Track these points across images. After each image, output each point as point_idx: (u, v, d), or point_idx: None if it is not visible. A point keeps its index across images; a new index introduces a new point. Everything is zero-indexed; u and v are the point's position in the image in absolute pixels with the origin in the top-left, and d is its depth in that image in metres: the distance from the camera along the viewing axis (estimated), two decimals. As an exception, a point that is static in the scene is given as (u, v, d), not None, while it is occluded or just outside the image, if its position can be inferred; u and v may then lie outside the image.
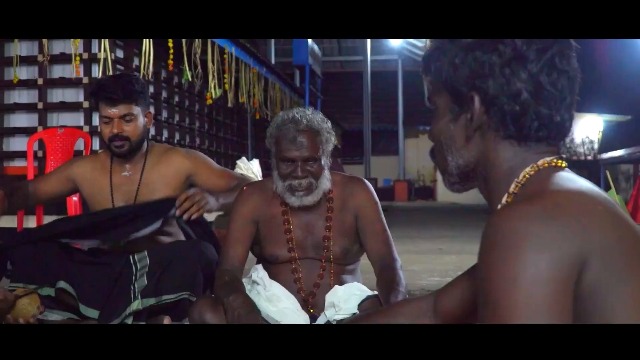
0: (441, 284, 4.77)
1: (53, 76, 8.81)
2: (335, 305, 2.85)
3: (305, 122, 2.96)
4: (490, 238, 1.23)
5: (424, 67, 1.54)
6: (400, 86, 29.02)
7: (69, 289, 3.37)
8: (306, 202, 2.97)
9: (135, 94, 3.56)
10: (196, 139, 12.15)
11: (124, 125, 3.54)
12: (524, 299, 1.17)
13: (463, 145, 1.46)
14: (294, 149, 2.94)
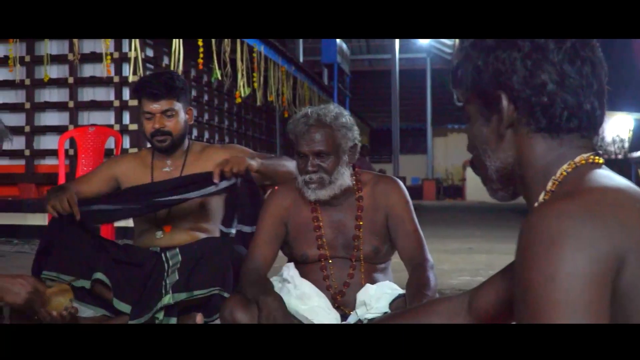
0: (472, 283, 4.77)
1: (84, 75, 8.88)
2: (366, 303, 2.84)
3: (315, 116, 2.97)
4: (528, 236, 1.23)
5: (452, 80, 1.54)
6: (428, 84, 28.92)
7: (105, 280, 3.39)
8: (320, 196, 2.97)
9: (177, 90, 3.61)
10: (225, 137, 12.19)
11: (165, 121, 3.58)
12: (561, 296, 1.16)
13: (497, 146, 1.45)
14: (304, 143, 2.96)
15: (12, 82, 8.97)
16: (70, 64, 8.82)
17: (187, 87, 3.73)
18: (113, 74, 8.64)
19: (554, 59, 1.37)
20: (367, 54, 30.82)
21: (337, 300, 2.97)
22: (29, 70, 8.96)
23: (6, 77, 9.05)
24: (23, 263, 6.14)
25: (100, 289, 3.43)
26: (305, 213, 3.06)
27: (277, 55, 12.77)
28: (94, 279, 3.39)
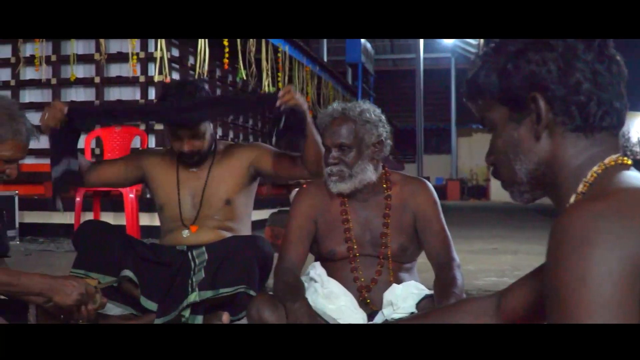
0: (498, 284, 4.76)
1: (110, 75, 8.92)
2: (393, 303, 2.84)
3: (340, 110, 3.03)
4: (559, 236, 1.23)
5: (468, 92, 1.55)
6: (453, 84, 28.85)
7: (134, 278, 3.41)
8: (341, 189, 3.00)
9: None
10: (249, 136, 12.22)
11: (194, 142, 3.53)
12: (592, 296, 1.16)
13: (531, 148, 1.45)
14: (328, 136, 3.02)
15: (39, 81, 9.03)
16: (97, 63, 8.87)
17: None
18: (139, 73, 8.69)
19: (585, 58, 1.39)
20: (391, 53, 30.77)
21: (363, 295, 2.97)
22: (55, 69, 9.02)
23: (33, 76, 9.11)
24: (49, 261, 6.19)
25: (128, 286, 3.45)
26: (334, 210, 3.08)
27: (302, 55, 12.78)
28: (122, 277, 3.41)
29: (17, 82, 9.13)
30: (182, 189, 3.66)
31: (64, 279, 2.88)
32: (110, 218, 7.64)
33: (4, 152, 2.92)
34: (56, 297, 2.83)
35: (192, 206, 3.65)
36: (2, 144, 2.92)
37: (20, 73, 9.12)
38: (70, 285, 2.85)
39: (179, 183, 3.68)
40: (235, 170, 3.64)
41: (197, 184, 3.65)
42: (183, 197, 3.64)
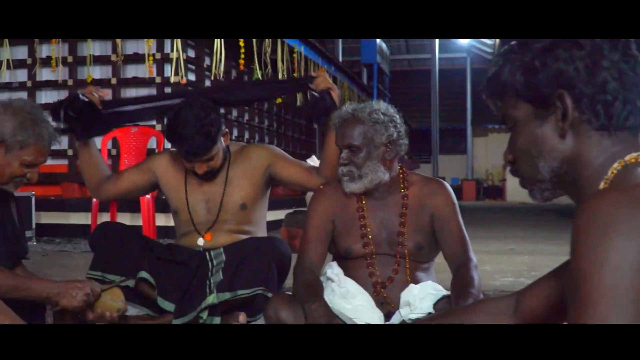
0: (515, 285, 4.74)
1: (126, 76, 8.94)
2: (410, 304, 2.84)
3: (350, 111, 3.06)
4: (580, 225, 1.24)
5: (490, 90, 1.54)
6: (468, 84, 28.77)
7: (150, 279, 3.42)
8: (352, 188, 3.02)
9: (215, 140, 3.47)
10: (265, 137, 12.23)
11: (206, 165, 3.51)
12: (610, 283, 1.17)
13: (555, 145, 1.46)
14: (338, 137, 3.08)
15: (55, 82, 9.06)
16: (113, 64, 8.89)
17: (221, 120, 3.52)
18: (155, 74, 8.71)
19: (611, 57, 1.40)
20: (406, 53, 30.74)
21: (378, 290, 2.97)
22: (72, 70, 9.04)
23: (49, 77, 9.14)
24: (66, 262, 6.21)
25: (144, 288, 3.46)
26: (351, 209, 3.09)
27: (317, 56, 12.78)
28: (139, 278, 3.42)
29: (34, 83, 9.16)
30: (196, 194, 3.65)
31: (68, 282, 2.92)
32: (126, 219, 7.67)
33: (25, 157, 2.94)
34: (62, 301, 2.87)
35: (206, 211, 3.64)
36: (25, 148, 2.94)
37: (37, 74, 9.15)
38: (75, 287, 2.89)
39: (187, 188, 3.66)
40: (251, 174, 3.63)
41: (212, 189, 3.65)
42: (197, 202, 3.63)
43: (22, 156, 2.94)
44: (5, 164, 2.94)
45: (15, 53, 9.18)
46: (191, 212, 3.63)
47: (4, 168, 2.95)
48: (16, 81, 9.24)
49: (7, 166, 2.94)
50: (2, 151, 2.93)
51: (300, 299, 2.83)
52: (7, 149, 2.93)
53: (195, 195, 3.64)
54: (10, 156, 2.94)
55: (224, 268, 3.41)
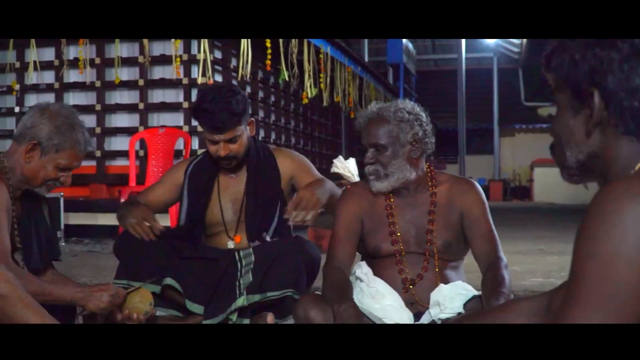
0: (545, 285, 4.70)
1: (154, 77, 8.97)
2: (440, 303, 2.83)
3: (375, 110, 3.07)
4: (587, 213, 1.28)
5: (545, 63, 1.55)
6: (495, 84, 28.59)
7: (175, 285, 3.42)
8: (379, 187, 3.03)
9: (239, 116, 3.54)
10: (291, 138, 12.24)
11: (230, 146, 3.55)
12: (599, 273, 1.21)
13: (582, 140, 1.46)
14: (364, 136, 3.08)
15: (83, 84, 9.11)
16: (141, 66, 8.93)
17: (248, 103, 3.64)
18: (182, 75, 8.74)
19: None
20: (432, 53, 30.63)
21: (407, 288, 2.96)
22: (100, 72, 9.09)
23: (77, 79, 9.20)
24: (94, 262, 6.25)
25: (171, 293, 3.46)
26: (379, 208, 3.09)
27: (344, 56, 12.77)
28: (164, 285, 3.43)
29: (61, 84, 9.22)
30: (223, 195, 3.67)
31: (92, 286, 2.95)
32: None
33: (60, 161, 2.97)
34: (89, 305, 2.90)
35: (232, 213, 3.67)
36: (60, 152, 2.97)
37: (64, 76, 9.21)
38: (99, 289, 2.91)
39: (219, 191, 3.69)
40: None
41: (237, 190, 3.67)
42: (224, 204, 3.66)
43: (57, 160, 2.97)
44: (40, 167, 2.97)
45: (42, 54, 9.24)
46: (223, 211, 3.64)
47: (38, 171, 2.98)
48: (43, 83, 9.30)
49: (42, 169, 2.97)
50: (38, 154, 2.96)
51: (329, 299, 2.83)
52: (42, 152, 2.96)
53: (223, 196, 3.67)
54: (46, 159, 2.97)
55: (253, 269, 3.41)
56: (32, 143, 2.96)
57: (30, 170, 2.98)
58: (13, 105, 9.42)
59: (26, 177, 3.00)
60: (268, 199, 3.65)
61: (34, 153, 2.97)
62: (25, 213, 3.10)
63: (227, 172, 3.70)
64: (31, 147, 2.96)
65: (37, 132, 2.96)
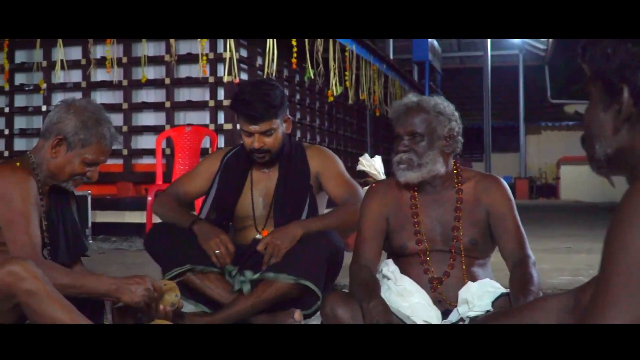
0: (573, 283, 4.68)
1: (180, 76, 9.01)
2: (468, 301, 2.81)
3: (415, 100, 3.06)
4: (617, 210, 1.28)
5: (581, 53, 1.55)
6: (521, 82, 28.45)
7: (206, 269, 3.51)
8: (409, 177, 3.00)
9: (276, 109, 3.58)
10: (316, 136, 12.24)
11: (265, 139, 3.58)
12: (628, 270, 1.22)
13: (611, 135, 1.46)
14: (400, 124, 3.05)
15: (110, 83, 9.17)
16: (167, 65, 8.97)
17: (285, 99, 3.68)
18: (208, 74, 8.77)
19: None
20: (458, 51, 30.54)
21: (434, 286, 2.95)
22: (127, 71, 9.15)
23: (104, 78, 9.26)
24: (122, 260, 6.29)
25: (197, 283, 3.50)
26: (405, 206, 3.08)
27: (369, 54, 12.76)
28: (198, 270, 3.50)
29: (88, 83, 9.28)
30: (255, 189, 3.70)
31: (128, 278, 2.95)
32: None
33: (87, 155, 3.00)
34: (123, 297, 2.90)
35: (262, 207, 3.69)
36: (86, 147, 2.99)
37: (92, 74, 9.27)
38: (134, 282, 2.91)
39: (252, 184, 3.71)
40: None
41: (269, 185, 3.69)
42: (256, 198, 3.69)
43: (83, 154, 2.99)
44: (66, 162, 2.99)
45: (69, 54, 9.31)
46: (255, 205, 3.67)
47: (64, 166, 3.00)
48: (71, 82, 9.37)
49: (68, 164, 3.00)
50: (64, 149, 2.98)
51: (357, 297, 2.82)
52: (68, 147, 2.98)
53: (255, 190, 3.70)
54: (72, 154, 2.99)
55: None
56: (58, 138, 2.98)
57: (56, 165, 3.00)
58: (40, 104, 9.51)
59: (53, 172, 3.02)
60: (297, 195, 3.67)
61: (60, 148, 2.99)
62: (53, 209, 3.12)
63: (261, 166, 3.73)
64: (57, 142, 2.98)
65: (63, 127, 2.98)
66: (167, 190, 3.91)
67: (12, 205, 2.84)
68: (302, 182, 3.69)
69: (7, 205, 2.84)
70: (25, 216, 2.85)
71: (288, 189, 3.66)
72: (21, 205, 2.86)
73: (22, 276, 2.56)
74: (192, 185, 3.84)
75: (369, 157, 7.20)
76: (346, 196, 3.66)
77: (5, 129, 9.64)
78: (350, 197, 3.65)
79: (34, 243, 2.84)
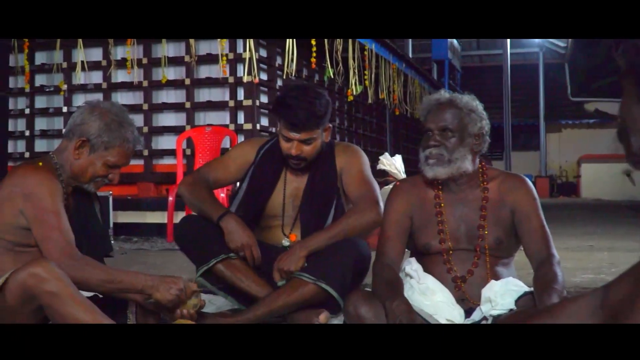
0: (595, 281, 4.66)
1: (200, 76, 9.03)
2: (491, 300, 2.80)
3: (448, 96, 3.06)
4: None
5: (615, 46, 1.54)
6: (541, 80, 28.31)
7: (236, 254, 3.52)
8: (437, 173, 2.99)
9: (320, 119, 3.50)
10: (337, 135, 12.24)
11: (303, 147, 3.52)
12: None
13: None
14: (431, 119, 3.02)
15: (130, 83, 9.21)
16: (187, 65, 9.00)
17: (330, 108, 3.58)
18: (228, 74, 8.78)
19: None
20: (477, 49, 30.44)
21: (458, 285, 2.94)
22: (147, 72, 9.18)
23: (124, 79, 9.30)
24: (144, 260, 6.31)
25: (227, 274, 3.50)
26: (429, 204, 3.08)
27: (388, 53, 12.74)
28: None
29: (109, 84, 9.32)
30: (287, 189, 3.67)
31: (162, 277, 2.96)
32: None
33: (109, 158, 3.01)
34: (156, 294, 2.91)
35: (292, 209, 3.67)
36: (109, 149, 3.00)
37: (112, 76, 9.31)
38: (171, 282, 2.92)
39: (285, 183, 3.68)
40: (331, 173, 3.63)
41: (299, 187, 3.66)
42: (288, 197, 3.66)
43: (106, 157, 3.00)
44: (89, 164, 3.00)
45: (89, 55, 9.36)
46: (285, 205, 3.67)
47: (87, 167, 3.01)
48: (91, 83, 9.42)
49: (90, 166, 3.00)
50: (87, 151, 2.99)
51: (380, 296, 2.82)
52: (91, 149, 2.99)
53: (288, 189, 3.67)
54: (95, 156, 3.00)
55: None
56: (82, 140, 2.99)
57: (79, 167, 3.01)
58: (61, 105, 9.56)
59: (75, 174, 3.02)
60: (324, 199, 3.64)
61: (83, 150, 3.00)
62: (76, 209, 3.13)
63: (292, 168, 3.67)
64: (80, 143, 2.99)
65: (86, 128, 2.99)
66: (196, 175, 3.79)
67: (42, 204, 2.85)
68: (329, 184, 3.64)
69: (36, 204, 2.85)
70: (56, 213, 2.86)
71: (315, 192, 3.63)
72: (50, 202, 2.86)
73: (44, 278, 2.57)
74: (224, 173, 3.76)
75: (389, 156, 7.18)
76: (358, 197, 3.58)
77: (26, 130, 9.70)
78: (361, 198, 3.57)
79: (68, 239, 2.85)
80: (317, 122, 3.47)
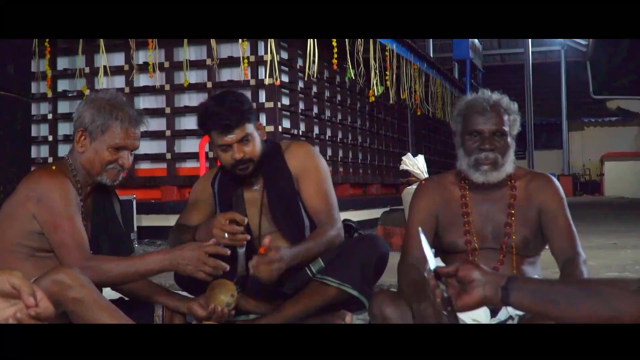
0: (621, 280, 4.60)
1: (221, 79, 9.06)
2: (517, 299, 2.79)
3: (495, 97, 3.02)
4: None
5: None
6: (563, 78, 28.18)
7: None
8: (491, 178, 2.97)
9: (247, 113, 3.40)
10: (358, 137, 12.24)
11: (244, 148, 3.38)
12: None
13: None
14: (482, 121, 2.97)
15: (153, 87, 9.25)
16: (209, 68, 9.03)
17: (251, 104, 3.51)
18: (249, 77, 8.80)
19: None
20: (498, 48, 30.34)
21: None
22: (169, 76, 9.22)
23: (147, 83, 9.34)
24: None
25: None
26: (455, 204, 3.07)
27: (410, 53, 12.72)
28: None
29: (132, 89, 9.37)
30: (250, 211, 3.58)
31: (179, 248, 2.98)
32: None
33: (110, 140, 2.99)
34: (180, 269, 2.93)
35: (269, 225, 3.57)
36: (107, 132, 2.99)
37: (134, 80, 9.36)
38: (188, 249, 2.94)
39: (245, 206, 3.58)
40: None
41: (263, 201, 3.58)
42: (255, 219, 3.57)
43: (107, 141, 2.99)
44: (94, 152, 2.99)
45: (111, 60, 9.41)
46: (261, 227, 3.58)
47: (93, 157, 3.00)
48: (113, 87, 9.45)
49: (96, 154, 2.99)
50: (88, 140, 3.00)
51: (407, 297, 2.81)
52: (91, 137, 2.99)
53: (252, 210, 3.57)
54: (96, 143, 2.99)
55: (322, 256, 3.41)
56: (80, 130, 3.01)
57: (86, 159, 3.02)
58: (85, 110, 9.61)
59: (86, 168, 3.03)
60: (289, 205, 3.54)
61: (84, 141, 3.00)
62: (96, 211, 3.14)
63: (248, 185, 3.56)
64: (80, 135, 3.01)
65: (82, 119, 3.00)
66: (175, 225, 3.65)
67: (55, 209, 2.87)
68: (287, 189, 3.54)
69: (49, 209, 2.87)
70: (69, 218, 2.88)
71: (277, 201, 3.53)
72: (63, 207, 2.88)
73: (68, 284, 2.57)
74: (194, 220, 3.60)
75: (411, 156, 7.17)
76: (322, 219, 3.49)
77: (49, 136, 9.77)
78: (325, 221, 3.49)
79: (80, 244, 2.87)
80: (243, 115, 3.36)
